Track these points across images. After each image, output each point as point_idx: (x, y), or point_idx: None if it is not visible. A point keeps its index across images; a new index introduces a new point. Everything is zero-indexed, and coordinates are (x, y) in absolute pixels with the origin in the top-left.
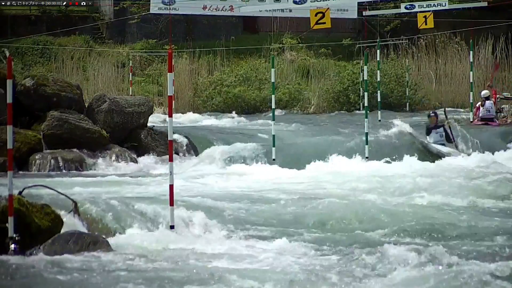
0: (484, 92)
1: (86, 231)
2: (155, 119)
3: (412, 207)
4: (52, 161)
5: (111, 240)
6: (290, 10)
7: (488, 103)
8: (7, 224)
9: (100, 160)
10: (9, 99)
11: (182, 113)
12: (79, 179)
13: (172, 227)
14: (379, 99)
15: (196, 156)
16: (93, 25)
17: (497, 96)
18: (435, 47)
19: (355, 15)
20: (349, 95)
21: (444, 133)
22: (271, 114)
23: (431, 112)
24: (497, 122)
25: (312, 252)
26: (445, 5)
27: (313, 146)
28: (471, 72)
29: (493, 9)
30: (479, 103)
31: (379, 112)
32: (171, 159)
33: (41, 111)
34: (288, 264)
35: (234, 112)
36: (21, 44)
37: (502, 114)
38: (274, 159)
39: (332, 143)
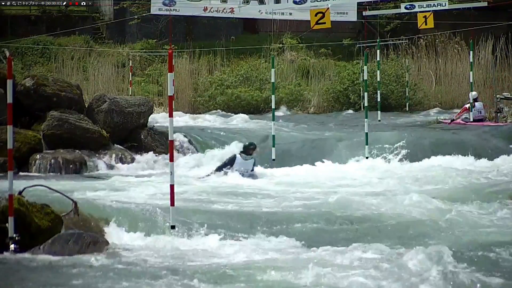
0: (473, 94)
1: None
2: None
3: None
4: (52, 161)
5: (111, 240)
6: (290, 13)
7: (478, 104)
8: (7, 224)
9: (100, 160)
10: (9, 99)
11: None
12: (79, 179)
13: (173, 227)
14: (379, 99)
15: (197, 156)
16: (93, 25)
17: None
18: (435, 47)
19: (354, 18)
20: (349, 95)
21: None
22: (271, 114)
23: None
24: (489, 122)
25: (314, 251)
26: (445, 5)
27: (313, 145)
28: (471, 72)
29: (493, 9)
30: (468, 104)
31: (379, 112)
32: (171, 159)
33: (41, 111)
34: (289, 263)
35: (234, 112)
36: (21, 44)
37: (502, 114)
38: (274, 159)
39: (331, 142)
